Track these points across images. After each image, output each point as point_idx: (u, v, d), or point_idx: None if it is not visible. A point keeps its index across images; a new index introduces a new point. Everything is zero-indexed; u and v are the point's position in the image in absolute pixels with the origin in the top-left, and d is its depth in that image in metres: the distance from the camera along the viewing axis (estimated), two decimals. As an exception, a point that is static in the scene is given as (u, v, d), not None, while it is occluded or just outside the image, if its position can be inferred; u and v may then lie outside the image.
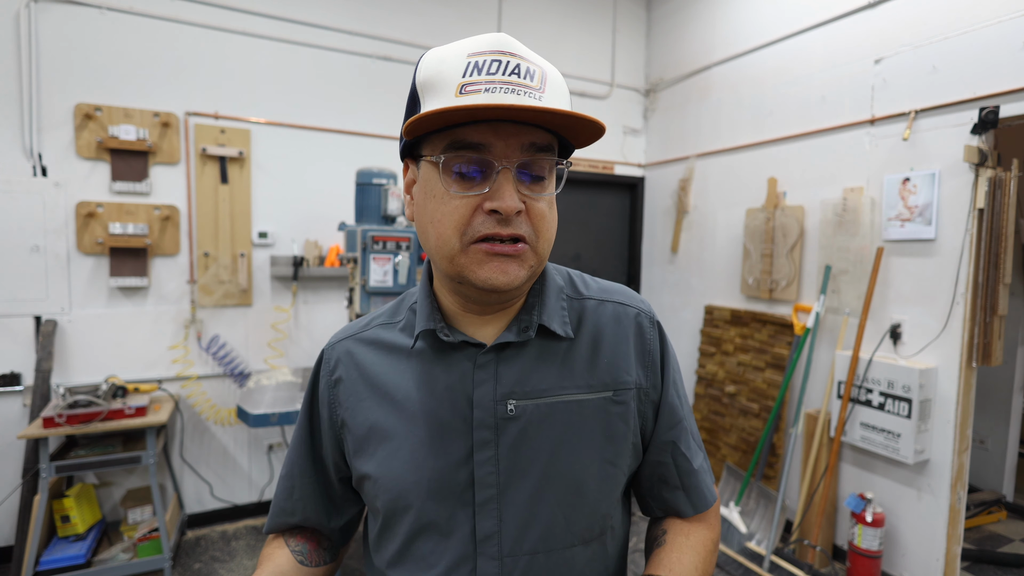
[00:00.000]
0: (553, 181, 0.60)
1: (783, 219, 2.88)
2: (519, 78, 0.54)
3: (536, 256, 0.59)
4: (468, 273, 0.57)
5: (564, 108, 0.55)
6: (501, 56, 0.54)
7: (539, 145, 0.57)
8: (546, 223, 0.59)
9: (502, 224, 0.55)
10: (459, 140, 0.55)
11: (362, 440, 0.66)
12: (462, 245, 0.57)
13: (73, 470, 2.24)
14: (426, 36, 3.20)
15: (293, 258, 2.85)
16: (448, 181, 0.56)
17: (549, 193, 0.59)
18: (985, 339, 2.13)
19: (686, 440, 0.71)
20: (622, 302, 0.71)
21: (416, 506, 0.62)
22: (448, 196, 0.57)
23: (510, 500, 0.62)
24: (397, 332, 0.69)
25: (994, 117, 2.05)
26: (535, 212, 0.58)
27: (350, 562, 2.49)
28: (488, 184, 0.56)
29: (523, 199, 0.57)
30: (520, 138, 0.55)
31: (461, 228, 0.56)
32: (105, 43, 2.53)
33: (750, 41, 3.10)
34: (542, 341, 0.65)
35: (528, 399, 0.63)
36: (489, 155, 0.55)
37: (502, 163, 0.55)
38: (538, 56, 0.59)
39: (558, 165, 0.60)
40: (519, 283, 0.58)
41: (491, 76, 0.53)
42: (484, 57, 0.54)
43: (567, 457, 0.63)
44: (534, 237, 0.58)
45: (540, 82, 0.55)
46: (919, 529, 2.31)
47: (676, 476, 0.71)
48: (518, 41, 0.57)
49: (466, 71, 0.54)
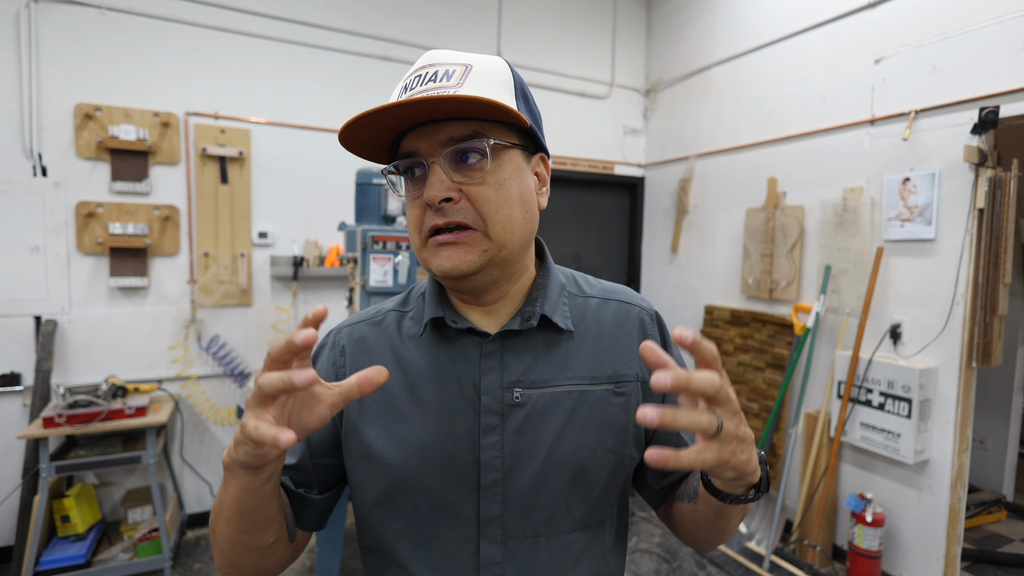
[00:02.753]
0: (498, 163, 0.61)
1: (783, 219, 2.88)
2: (435, 83, 0.59)
3: (491, 241, 0.61)
4: (430, 264, 0.63)
5: (484, 96, 0.57)
6: (421, 71, 0.61)
7: (456, 137, 0.60)
8: (491, 206, 0.60)
9: (439, 215, 0.60)
10: (401, 151, 0.63)
11: (370, 421, 0.67)
12: (422, 241, 0.63)
13: (73, 470, 2.24)
14: (426, 36, 3.20)
15: (293, 258, 2.85)
16: (407, 187, 0.64)
17: (484, 174, 0.60)
18: (985, 339, 2.13)
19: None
20: (624, 300, 0.74)
21: (421, 488, 0.64)
22: (409, 200, 0.64)
23: (513, 484, 0.64)
24: (408, 320, 0.72)
25: (994, 117, 2.05)
26: (476, 196, 0.60)
27: (350, 562, 2.49)
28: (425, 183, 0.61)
29: (459, 186, 0.60)
30: (438, 136, 0.60)
31: (418, 226, 0.63)
32: (105, 43, 2.53)
33: (750, 41, 3.10)
34: (546, 333, 0.68)
35: (533, 387, 0.65)
36: (419, 156, 0.61)
37: (429, 159, 0.60)
38: (472, 55, 0.63)
39: (487, 145, 0.60)
40: (468, 268, 0.60)
41: (411, 92, 0.60)
42: (409, 78, 0.62)
43: (570, 444, 0.65)
44: (480, 222, 0.60)
45: (459, 79, 0.59)
46: (919, 529, 2.31)
47: (684, 442, 0.71)
48: (450, 51, 0.63)
49: (397, 95, 0.62)
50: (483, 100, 0.55)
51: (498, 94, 0.61)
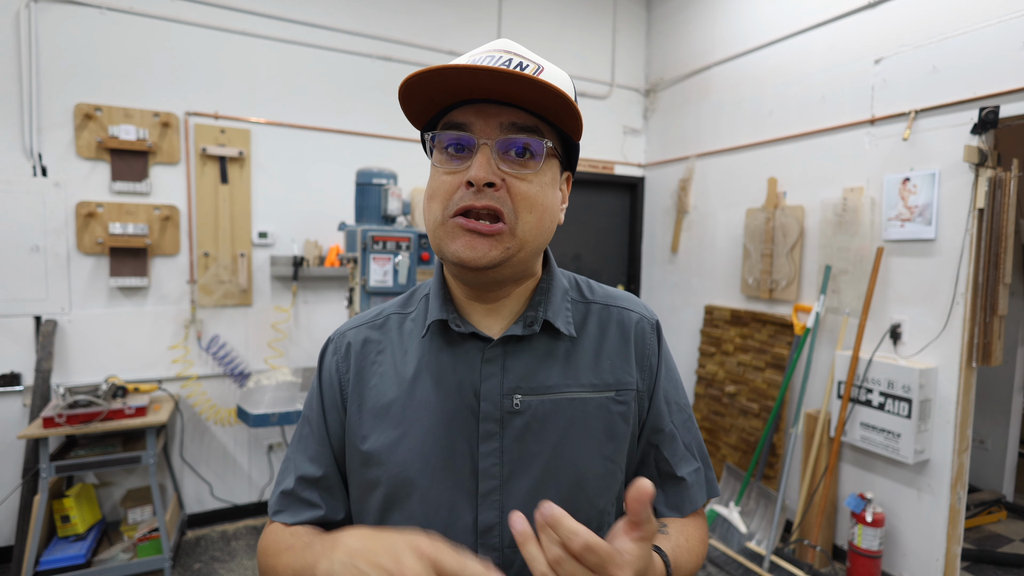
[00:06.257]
0: (544, 166, 0.61)
1: (783, 219, 2.88)
2: (508, 67, 0.56)
3: (515, 239, 0.59)
4: (444, 246, 0.60)
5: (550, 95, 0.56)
6: (494, 53, 0.59)
7: (519, 125, 0.58)
8: (527, 204, 0.59)
9: (476, 196, 0.58)
10: (448, 121, 0.60)
11: (369, 425, 0.66)
12: (443, 217, 0.60)
13: (73, 470, 2.24)
14: (426, 36, 3.20)
15: (293, 258, 2.85)
16: (440, 159, 0.61)
17: (532, 172, 0.59)
18: (985, 339, 2.13)
19: (672, 447, 0.71)
20: (625, 307, 0.73)
21: (419, 494, 0.63)
22: (439, 172, 0.61)
23: (512, 492, 0.63)
24: (409, 321, 0.71)
25: (994, 117, 2.05)
26: (516, 191, 0.59)
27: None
28: (470, 161, 0.59)
29: (503, 175, 0.58)
30: (500, 118, 0.58)
31: (445, 201, 0.60)
32: (105, 43, 2.53)
33: (750, 41, 3.10)
34: (548, 339, 0.67)
35: (533, 395, 0.65)
36: (470, 132, 0.59)
37: (481, 139, 0.58)
38: (541, 58, 0.61)
39: (545, 145, 0.60)
40: (488, 262, 0.59)
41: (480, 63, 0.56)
42: (478, 57, 0.60)
43: (569, 452, 0.64)
44: (513, 217, 0.59)
45: (533, 74, 0.57)
46: (919, 529, 2.31)
47: (656, 478, 0.71)
48: (522, 46, 0.61)
49: None
50: (567, 97, 0.54)
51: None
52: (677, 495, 0.71)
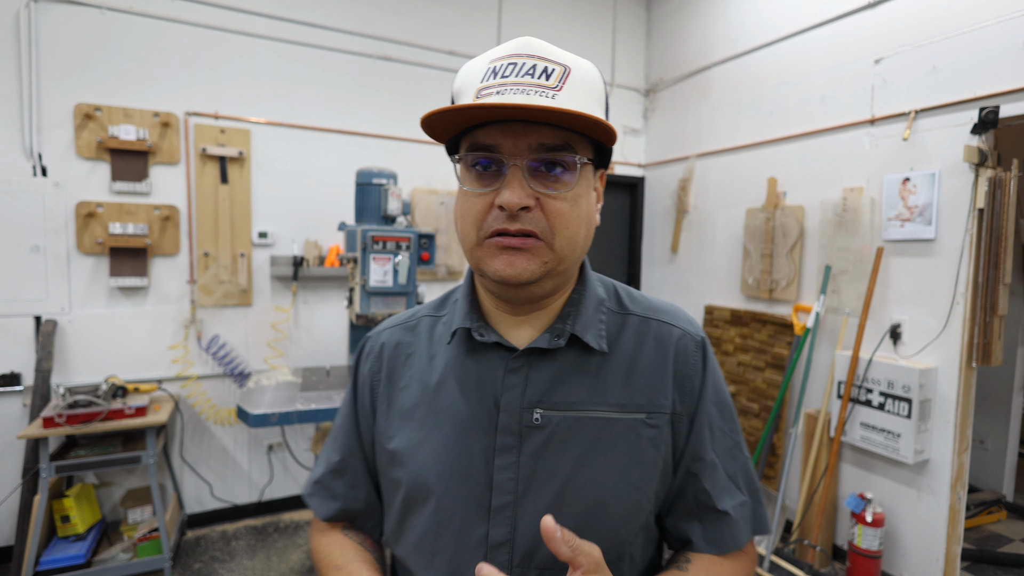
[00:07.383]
0: (578, 180, 0.59)
1: (783, 219, 2.88)
2: (532, 78, 0.56)
3: (553, 253, 0.58)
4: (483, 265, 0.59)
5: (580, 107, 0.55)
6: (516, 59, 0.57)
7: (548, 145, 0.57)
8: (563, 220, 0.58)
9: (510, 220, 0.57)
10: (475, 142, 0.58)
11: (396, 426, 0.67)
12: (478, 239, 0.59)
13: (73, 470, 2.24)
14: (426, 36, 3.20)
15: (293, 258, 2.85)
16: (468, 179, 0.60)
17: (566, 190, 0.58)
18: (985, 339, 2.13)
19: (713, 477, 0.66)
20: (667, 321, 0.69)
21: (435, 500, 0.62)
22: (469, 194, 0.60)
23: (525, 510, 0.60)
24: (441, 325, 0.71)
25: (994, 117, 2.05)
26: (550, 209, 0.58)
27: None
28: (500, 182, 0.57)
29: (536, 196, 0.57)
30: (528, 138, 0.56)
31: (478, 223, 0.59)
32: (105, 43, 2.53)
33: (750, 41, 3.10)
34: (577, 353, 0.64)
35: (556, 410, 0.62)
36: (499, 154, 0.57)
37: (511, 161, 0.57)
38: (567, 54, 0.59)
39: (578, 161, 0.59)
40: (528, 277, 0.58)
41: (504, 79, 0.56)
42: (502, 62, 0.57)
43: (589, 475, 0.61)
44: (549, 234, 0.58)
45: (558, 80, 0.56)
46: (919, 529, 2.31)
47: (695, 509, 0.67)
48: (545, 42, 0.58)
49: (485, 76, 0.57)
50: (594, 119, 0.53)
51: (591, 105, 0.59)
52: (717, 530, 0.66)
